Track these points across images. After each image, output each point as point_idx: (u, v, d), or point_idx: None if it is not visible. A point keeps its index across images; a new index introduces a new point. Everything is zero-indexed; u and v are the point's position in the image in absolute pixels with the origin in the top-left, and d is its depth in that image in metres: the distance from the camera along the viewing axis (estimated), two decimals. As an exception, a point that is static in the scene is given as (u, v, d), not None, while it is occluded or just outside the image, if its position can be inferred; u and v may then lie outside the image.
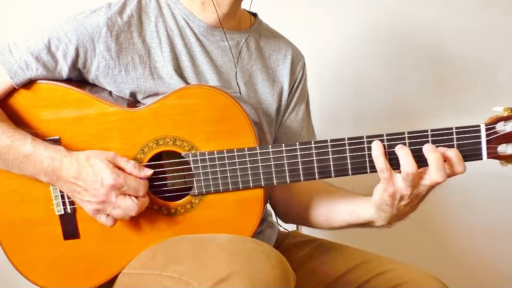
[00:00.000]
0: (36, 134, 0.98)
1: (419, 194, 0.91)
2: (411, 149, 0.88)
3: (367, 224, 1.02)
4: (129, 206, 0.93)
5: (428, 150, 0.87)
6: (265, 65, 1.16)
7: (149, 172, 0.96)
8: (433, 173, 0.87)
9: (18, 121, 1.00)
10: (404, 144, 0.89)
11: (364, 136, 0.90)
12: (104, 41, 1.00)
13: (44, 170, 0.95)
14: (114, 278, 1.02)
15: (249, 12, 1.18)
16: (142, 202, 0.94)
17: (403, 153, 0.88)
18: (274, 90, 1.15)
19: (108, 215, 0.95)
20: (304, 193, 1.13)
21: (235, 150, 0.95)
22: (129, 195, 0.93)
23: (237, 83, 1.10)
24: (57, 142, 0.99)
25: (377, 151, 0.89)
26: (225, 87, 1.08)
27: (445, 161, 0.88)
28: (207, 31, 1.08)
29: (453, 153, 0.87)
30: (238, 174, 0.95)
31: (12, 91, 1.00)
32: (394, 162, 0.89)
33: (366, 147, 0.91)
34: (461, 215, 1.84)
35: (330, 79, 1.75)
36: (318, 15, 1.72)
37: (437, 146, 0.88)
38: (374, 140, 0.90)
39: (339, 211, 1.05)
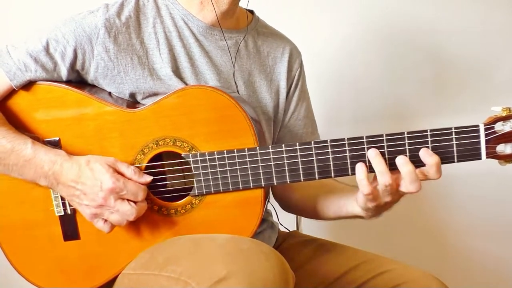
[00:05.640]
0: (36, 138, 0.98)
1: (399, 196, 0.93)
2: (409, 149, 0.89)
3: (356, 217, 1.03)
4: (127, 211, 0.93)
5: (402, 163, 0.89)
6: (263, 63, 1.16)
7: (149, 178, 0.96)
8: (408, 185, 0.88)
9: (18, 123, 1.00)
10: (403, 144, 0.89)
11: (364, 136, 0.91)
12: (102, 43, 1.00)
13: (45, 174, 0.95)
14: (114, 279, 1.02)
15: (246, 9, 1.18)
16: (141, 207, 0.94)
17: (378, 161, 0.89)
18: (272, 89, 1.16)
19: (105, 220, 0.95)
20: (303, 187, 1.14)
21: (235, 150, 0.95)
22: (128, 200, 0.93)
23: (235, 83, 1.10)
24: (56, 142, 0.99)
25: (360, 174, 0.90)
26: (225, 87, 1.08)
27: (422, 165, 0.89)
28: (206, 31, 1.08)
29: (433, 161, 0.88)
30: (238, 174, 0.95)
31: (11, 93, 1.00)
32: (392, 162, 0.90)
33: (366, 148, 0.91)
34: (460, 215, 1.84)
35: (329, 79, 1.75)
36: (317, 14, 1.72)
37: (434, 147, 0.89)
38: (372, 147, 0.90)
39: (330, 204, 1.07)
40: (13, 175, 0.97)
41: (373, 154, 0.90)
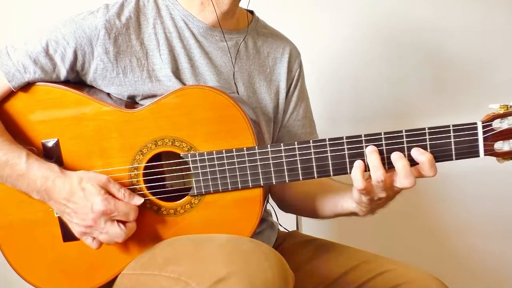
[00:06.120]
0: (32, 150, 0.98)
1: (394, 192, 0.93)
2: (408, 147, 0.89)
3: (352, 214, 1.03)
4: (116, 233, 0.93)
5: (396, 157, 0.88)
6: (263, 64, 1.16)
7: (139, 201, 0.96)
8: (402, 180, 0.88)
9: (17, 124, 1.00)
10: (402, 142, 0.89)
11: (362, 135, 0.90)
12: (103, 44, 1.00)
13: (37, 189, 0.95)
14: (114, 279, 1.02)
15: (246, 10, 1.18)
16: (130, 229, 0.95)
17: (374, 158, 0.89)
18: (271, 89, 1.16)
19: (94, 237, 0.96)
20: (300, 184, 1.14)
21: (233, 150, 0.95)
22: (118, 221, 0.94)
23: (235, 83, 1.10)
24: (55, 143, 0.99)
25: (356, 169, 0.90)
26: (225, 88, 1.08)
27: (417, 164, 0.89)
28: (206, 32, 1.08)
29: (425, 159, 0.87)
30: (237, 174, 0.95)
31: (10, 94, 1.00)
32: (390, 161, 0.90)
33: (364, 146, 0.91)
34: (460, 214, 1.84)
35: (329, 79, 1.75)
36: (317, 14, 1.72)
37: (432, 145, 0.89)
38: (370, 144, 0.90)
39: (327, 201, 1.08)
40: (8, 185, 0.98)
41: (370, 150, 0.90)
